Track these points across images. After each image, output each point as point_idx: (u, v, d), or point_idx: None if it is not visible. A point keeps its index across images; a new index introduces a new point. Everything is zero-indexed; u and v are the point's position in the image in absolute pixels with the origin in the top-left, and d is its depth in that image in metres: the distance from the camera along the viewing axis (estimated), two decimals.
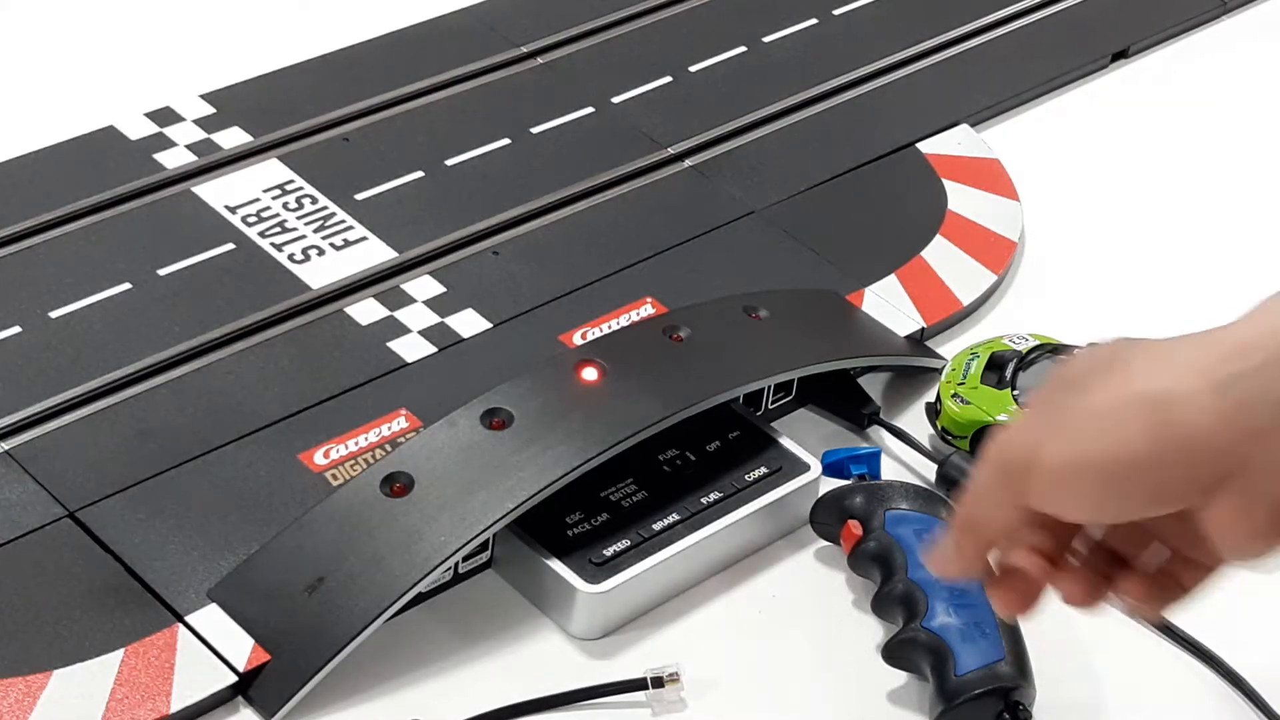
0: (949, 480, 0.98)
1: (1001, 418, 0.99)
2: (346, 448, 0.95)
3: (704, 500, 0.93)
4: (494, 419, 0.92)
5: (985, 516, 0.70)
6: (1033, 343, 1.03)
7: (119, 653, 0.85)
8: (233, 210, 1.09)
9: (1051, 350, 1.02)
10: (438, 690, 0.87)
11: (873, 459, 0.97)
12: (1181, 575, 0.72)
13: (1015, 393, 1.00)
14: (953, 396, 1.00)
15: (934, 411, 1.02)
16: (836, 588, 0.94)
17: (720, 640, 0.91)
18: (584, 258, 1.08)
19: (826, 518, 0.94)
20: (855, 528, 0.92)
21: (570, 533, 0.91)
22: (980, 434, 0.99)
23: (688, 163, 1.17)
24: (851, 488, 0.94)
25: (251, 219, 1.08)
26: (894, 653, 0.88)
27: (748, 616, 0.93)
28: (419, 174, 1.13)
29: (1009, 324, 1.09)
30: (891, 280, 1.09)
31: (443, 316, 1.04)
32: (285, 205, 1.09)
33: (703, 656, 0.89)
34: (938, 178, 1.17)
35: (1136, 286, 1.14)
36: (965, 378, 1.01)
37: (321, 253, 1.07)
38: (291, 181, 1.11)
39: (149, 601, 0.88)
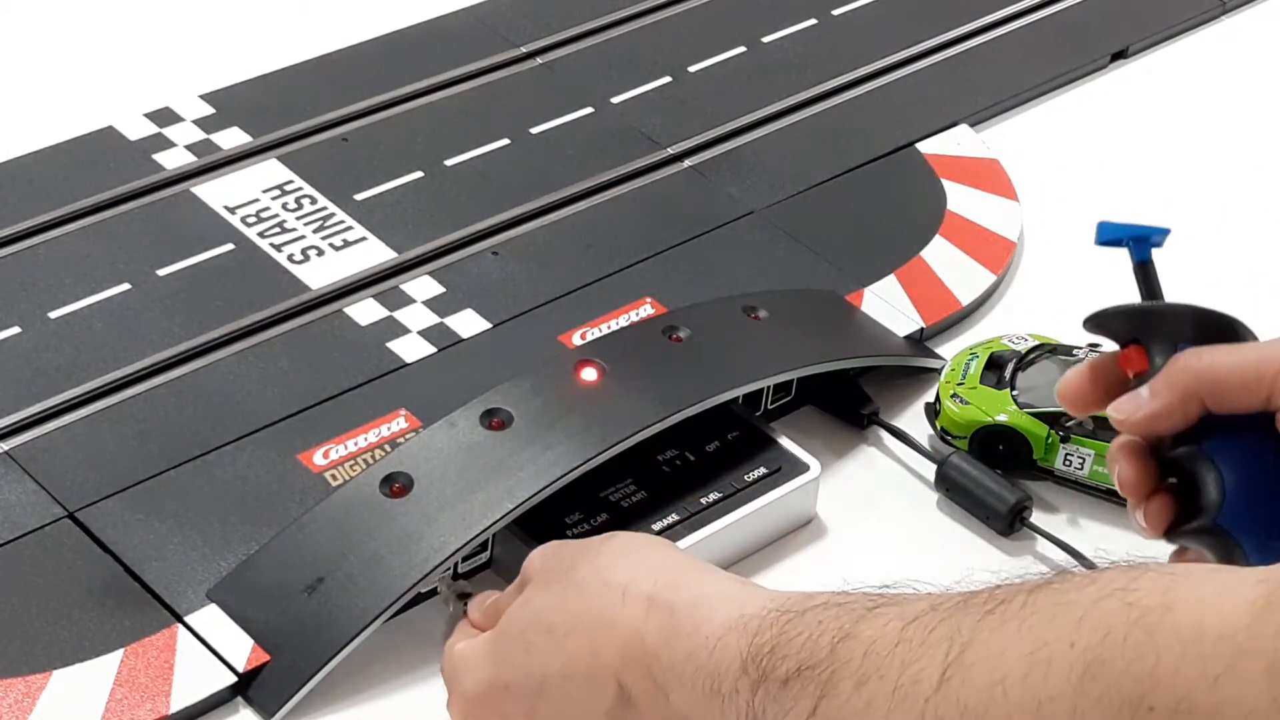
0: (948, 481, 0.98)
1: (1001, 417, 0.99)
2: (346, 448, 0.95)
3: (703, 501, 0.93)
4: (493, 419, 0.92)
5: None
6: (1032, 343, 1.03)
7: (118, 653, 0.85)
8: (232, 210, 1.09)
9: (1050, 350, 1.02)
10: (437, 690, 0.87)
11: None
12: None
13: (1014, 393, 1.00)
14: (952, 396, 1.00)
15: (933, 412, 1.02)
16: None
17: None
18: (583, 258, 1.08)
19: (1116, 325, 0.79)
20: (1139, 358, 0.76)
21: (569, 533, 0.91)
22: (979, 434, 0.99)
23: (687, 163, 1.17)
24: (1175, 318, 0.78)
25: (251, 219, 1.08)
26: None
27: None
28: (418, 174, 1.13)
29: (1008, 324, 1.09)
30: (891, 280, 1.09)
31: (442, 317, 1.04)
32: (285, 205, 1.09)
33: None
34: (937, 178, 1.17)
35: (1134, 287, 1.14)
36: (964, 378, 1.01)
37: (321, 253, 1.07)
38: (291, 182, 1.11)
39: (148, 602, 0.88)
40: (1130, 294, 1.10)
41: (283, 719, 0.85)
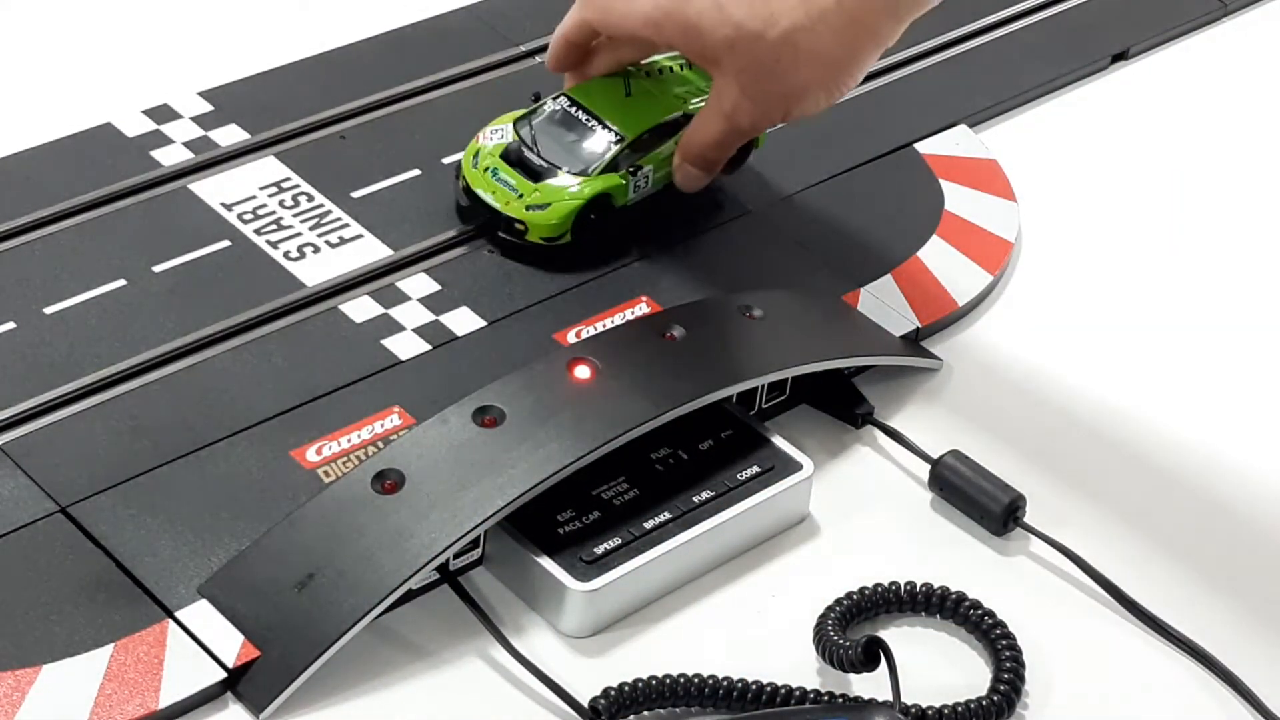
0: (941, 480, 0.98)
1: (576, 192, 1.05)
2: (339, 445, 0.95)
3: (696, 499, 0.93)
4: (485, 416, 0.91)
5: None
6: (505, 126, 1.08)
7: (108, 648, 0.85)
8: (229, 207, 1.09)
9: (527, 119, 1.08)
10: (427, 687, 0.87)
11: None
12: None
13: (556, 169, 1.06)
14: (527, 212, 1.05)
15: (517, 235, 1.06)
16: (833, 589, 0.94)
17: (711, 638, 0.91)
18: (580, 256, 1.08)
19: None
20: None
21: (561, 530, 0.91)
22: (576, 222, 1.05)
23: None
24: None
25: (247, 216, 1.08)
26: None
27: (740, 615, 0.93)
28: (415, 172, 1.13)
29: (1005, 324, 1.09)
30: (887, 280, 1.09)
31: (437, 314, 1.04)
32: (281, 203, 1.09)
33: (694, 654, 0.89)
34: (935, 178, 1.17)
35: (1133, 288, 1.14)
36: (512, 198, 1.06)
37: (317, 250, 1.07)
38: (288, 179, 1.11)
39: (139, 597, 0.88)
40: (1124, 296, 1.11)
41: (272, 715, 0.85)
